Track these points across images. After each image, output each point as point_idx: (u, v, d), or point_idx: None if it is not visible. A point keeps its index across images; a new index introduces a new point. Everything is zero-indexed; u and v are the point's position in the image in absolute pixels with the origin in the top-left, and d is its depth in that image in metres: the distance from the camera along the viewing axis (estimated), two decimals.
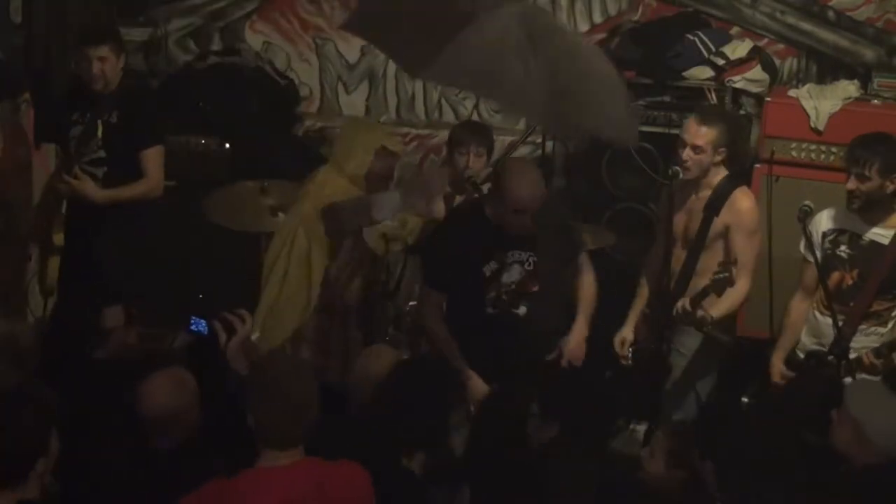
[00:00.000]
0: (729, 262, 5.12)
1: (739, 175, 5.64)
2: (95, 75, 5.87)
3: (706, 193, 5.42)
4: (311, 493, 3.81)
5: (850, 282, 5.32)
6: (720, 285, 5.07)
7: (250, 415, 3.85)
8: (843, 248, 5.34)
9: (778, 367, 5.45)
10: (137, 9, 7.42)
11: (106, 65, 5.87)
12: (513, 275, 5.36)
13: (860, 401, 4.23)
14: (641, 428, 5.64)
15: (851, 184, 5.20)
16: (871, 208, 5.25)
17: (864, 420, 4.15)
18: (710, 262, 5.33)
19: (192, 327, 4.66)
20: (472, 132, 6.28)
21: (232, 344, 4.43)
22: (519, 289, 5.38)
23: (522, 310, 5.40)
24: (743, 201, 5.42)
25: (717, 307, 5.28)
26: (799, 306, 5.50)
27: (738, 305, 5.48)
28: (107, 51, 5.87)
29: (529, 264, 5.35)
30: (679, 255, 5.46)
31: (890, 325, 5.30)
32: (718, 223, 5.37)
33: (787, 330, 5.52)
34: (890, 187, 5.20)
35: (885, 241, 5.25)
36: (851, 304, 5.26)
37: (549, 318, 5.45)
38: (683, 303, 5.24)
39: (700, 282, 5.32)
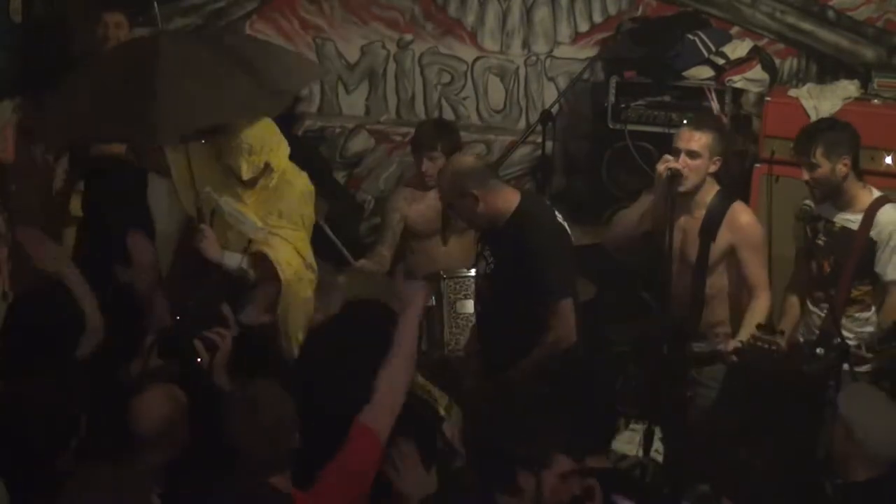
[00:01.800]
0: (775, 330, 4.96)
1: (732, 189, 5.59)
2: (111, 41, 6.07)
3: (700, 213, 5.32)
4: None
5: (828, 269, 5.36)
6: (703, 358, 5.12)
7: (230, 440, 3.83)
8: (820, 235, 5.38)
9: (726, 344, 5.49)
10: (137, 9, 7.41)
11: (121, 32, 6.07)
12: (479, 268, 5.33)
13: (851, 402, 4.23)
14: (640, 427, 5.65)
15: (805, 174, 5.28)
16: (834, 195, 5.30)
17: (854, 421, 4.14)
18: (717, 284, 5.29)
19: None
20: (431, 135, 6.26)
21: (216, 362, 4.40)
22: (477, 285, 5.37)
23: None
24: (743, 216, 5.33)
25: (744, 330, 5.16)
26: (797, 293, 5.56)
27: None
28: (122, 18, 6.09)
29: (490, 266, 5.25)
30: (680, 277, 5.35)
31: (874, 308, 5.33)
32: (721, 243, 5.27)
33: (785, 315, 5.56)
34: (843, 170, 5.24)
35: (855, 227, 5.28)
36: (832, 291, 5.28)
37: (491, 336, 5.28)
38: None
39: (712, 310, 5.30)
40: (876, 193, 5.35)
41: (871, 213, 5.25)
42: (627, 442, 5.85)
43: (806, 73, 7.03)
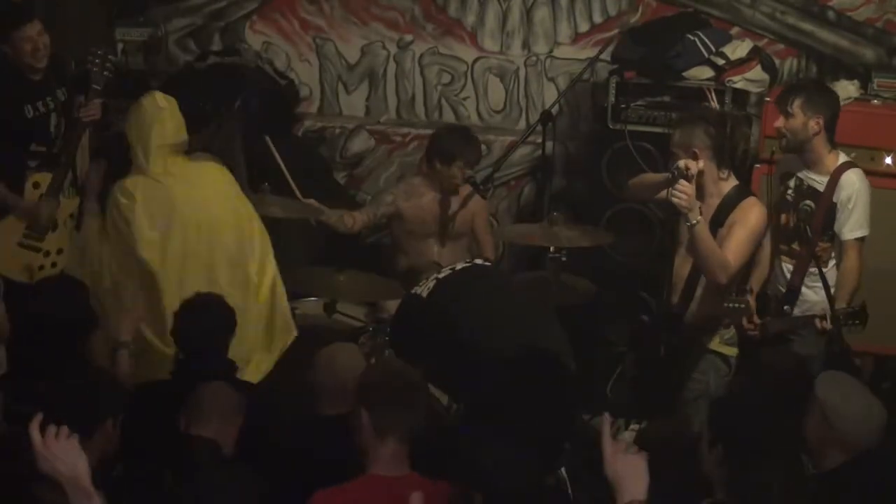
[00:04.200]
0: (746, 291, 5.11)
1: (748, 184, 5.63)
2: (41, 53, 5.68)
3: (714, 202, 5.33)
4: None
5: (791, 224, 5.54)
6: (736, 314, 5.13)
7: (364, 410, 3.87)
8: (790, 191, 5.56)
9: (750, 304, 5.52)
10: (137, 9, 7.42)
11: (45, 38, 5.68)
12: None
13: (828, 388, 4.23)
14: (641, 428, 5.64)
15: (779, 122, 5.46)
16: (801, 150, 5.47)
17: (829, 406, 4.14)
18: None
19: None
20: (466, 143, 6.32)
21: None
22: None
23: None
24: (754, 207, 5.32)
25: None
26: (769, 244, 5.65)
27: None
28: (41, 26, 5.69)
29: None
30: (683, 262, 5.38)
31: (830, 264, 5.49)
32: (724, 230, 5.27)
33: (757, 265, 5.63)
34: (814, 127, 5.40)
35: (820, 188, 5.46)
36: (794, 245, 5.49)
37: None
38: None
39: (705, 301, 5.30)
40: (843, 158, 5.52)
41: (836, 177, 5.44)
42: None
43: (806, 73, 7.03)
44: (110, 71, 5.78)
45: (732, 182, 5.36)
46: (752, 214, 5.28)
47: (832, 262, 5.52)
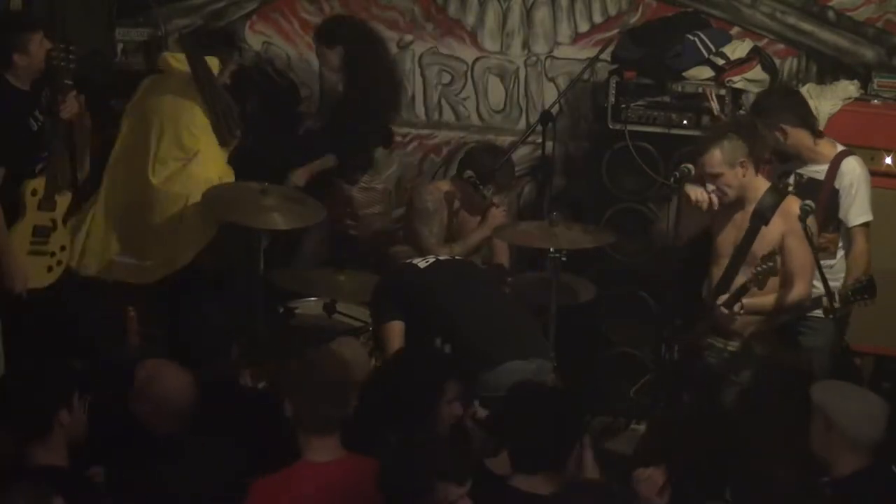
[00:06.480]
0: (774, 254, 5.11)
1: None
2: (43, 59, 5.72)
3: (751, 207, 5.37)
4: (352, 489, 3.92)
5: None
6: (763, 277, 5.12)
7: (288, 403, 4.02)
8: (790, 188, 5.62)
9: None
10: (137, 9, 7.42)
11: (44, 48, 5.69)
12: None
13: (825, 392, 4.24)
14: (641, 428, 5.65)
15: (784, 139, 5.57)
16: (797, 153, 5.61)
17: (830, 408, 4.15)
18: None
19: None
20: (501, 166, 6.33)
21: None
22: None
23: None
24: (796, 206, 5.30)
25: (761, 299, 5.30)
26: None
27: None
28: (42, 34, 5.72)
29: None
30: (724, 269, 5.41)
31: (838, 256, 5.59)
32: (773, 230, 5.30)
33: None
34: (803, 132, 5.58)
35: (821, 178, 5.57)
36: None
37: None
38: (721, 302, 5.26)
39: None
40: (839, 147, 5.63)
41: (835, 165, 5.56)
42: (628, 442, 5.85)
43: (806, 73, 7.02)
44: (74, 62, 5.72)
45: (765, 184, 5.42)
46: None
47: (840, 253, 5.60)
